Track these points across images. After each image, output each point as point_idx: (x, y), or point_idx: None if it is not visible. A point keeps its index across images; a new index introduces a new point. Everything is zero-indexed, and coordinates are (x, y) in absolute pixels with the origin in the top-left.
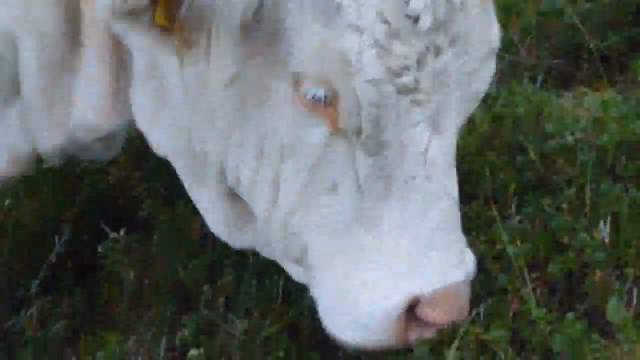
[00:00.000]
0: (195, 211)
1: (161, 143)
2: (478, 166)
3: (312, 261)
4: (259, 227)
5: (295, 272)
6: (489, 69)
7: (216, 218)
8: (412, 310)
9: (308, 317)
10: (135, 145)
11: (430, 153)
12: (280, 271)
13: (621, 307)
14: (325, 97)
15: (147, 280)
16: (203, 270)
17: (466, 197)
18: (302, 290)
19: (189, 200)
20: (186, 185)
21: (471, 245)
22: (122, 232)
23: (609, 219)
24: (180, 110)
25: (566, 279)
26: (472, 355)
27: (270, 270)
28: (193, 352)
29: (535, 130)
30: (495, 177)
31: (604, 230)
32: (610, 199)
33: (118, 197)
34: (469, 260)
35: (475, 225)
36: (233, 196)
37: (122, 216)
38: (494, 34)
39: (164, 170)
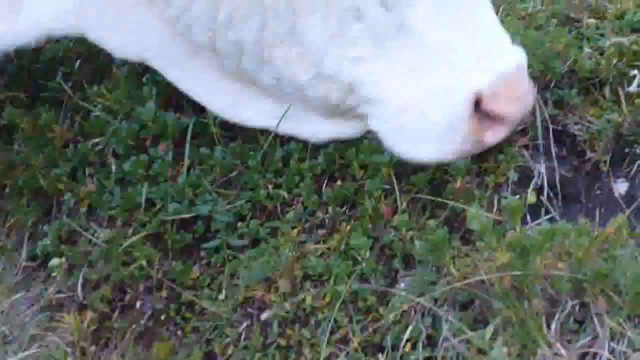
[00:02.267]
0: (56, 118)
1: (132, 41)
2: None
3: (361, 94)
4: (281, 90)
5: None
6: None
7: (218, 100)
8: (479, 112)
9: (171, 226)
10: None
11: None
12: (143, 179)
13: (481, 214)
14: None
15: (7, 188)
16: (64, 178)
17: None
18: (165, 199)
19: (50, 107)
20: (173, 79)
21: (334, 152)
22: None
23: None
24: None
25: (428, 186)
26: (334, 260)
27: (133, 178)
28: (54, 261)
29: None
30: None
31: None
32: None
33: None
34: (519, 51)
35: None
36: (225, 76)
37: None
38: None
39: (25, 76)
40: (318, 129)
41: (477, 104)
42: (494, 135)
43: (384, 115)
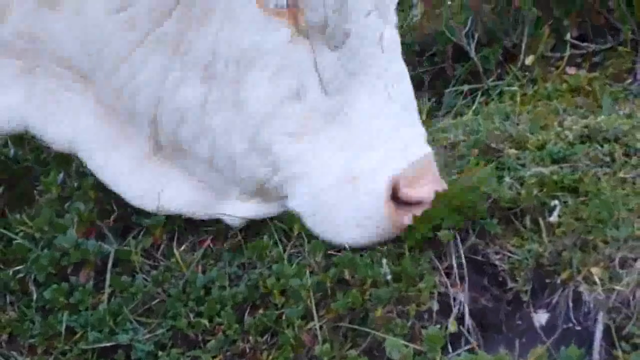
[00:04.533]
0: None
1: (65, 129)
2: None
3: (287, 172)
4: (213, 162)
5: (245, 211)
6: None
7: (136, 184)
8: (396, 200)
9: (91, 354)
10: None
11: (385, 40)
12: (64, 307)
13: (400, 343)
14: (287, 2)
15: None
16: None
17: (253, 235)
18: (86, 327)
19: None
20: (92, 166)
21: (255, 280)
22: None
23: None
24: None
25: (349, 314)
26: None
27: (54, 306)
28: None
29: None
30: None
31: (385, 266)
32: None
33: None
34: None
35: (259, 258)
36: (154, 152)
37: None
38: None
39: None
40: (238, 209)
41: (394, 192)
42: (408, 217)
43: (307, 196)
